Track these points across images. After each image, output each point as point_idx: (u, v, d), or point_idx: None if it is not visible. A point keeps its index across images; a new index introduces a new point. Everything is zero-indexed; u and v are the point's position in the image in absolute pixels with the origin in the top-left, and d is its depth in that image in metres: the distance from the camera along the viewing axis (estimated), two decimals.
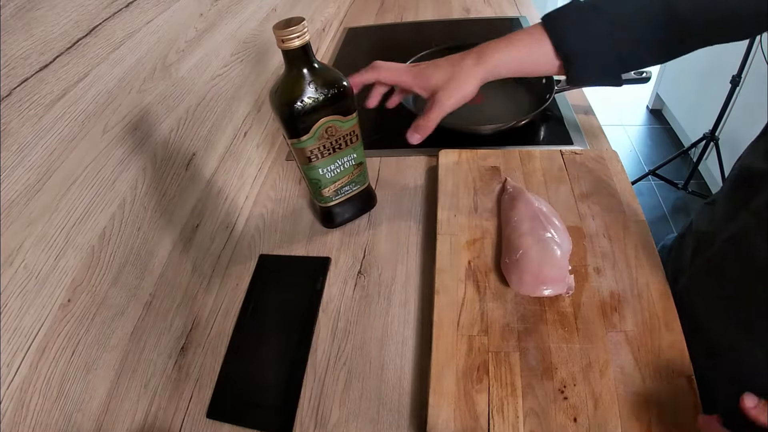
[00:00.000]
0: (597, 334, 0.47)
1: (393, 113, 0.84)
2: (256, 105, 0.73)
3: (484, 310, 0.50)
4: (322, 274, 0.58)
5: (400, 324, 0.53)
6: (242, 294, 0.58)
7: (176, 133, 0.52)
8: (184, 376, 0.51)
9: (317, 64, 0.48)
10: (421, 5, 1.30)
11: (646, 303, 0.48)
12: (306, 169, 0.55)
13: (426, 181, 0.70)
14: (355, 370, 0.49)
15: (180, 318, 0.52)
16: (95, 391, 0.40)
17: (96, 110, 0.40)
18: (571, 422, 0.41)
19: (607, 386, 0.43)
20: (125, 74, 0.43)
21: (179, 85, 0.52)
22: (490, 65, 0.52)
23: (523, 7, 1.22)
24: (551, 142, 0.75)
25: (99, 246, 0.40)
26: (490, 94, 0.85)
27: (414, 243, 0.61)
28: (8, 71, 0.31)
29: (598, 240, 0.55)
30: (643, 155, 2.17)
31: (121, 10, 0.43)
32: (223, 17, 0.62)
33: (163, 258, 0.49)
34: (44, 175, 0.35)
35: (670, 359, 0.44)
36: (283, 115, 0.49)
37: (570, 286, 0.50)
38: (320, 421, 0.46)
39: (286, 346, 0.52)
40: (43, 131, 0.34)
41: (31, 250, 0.34)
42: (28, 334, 0.34)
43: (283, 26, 0.44)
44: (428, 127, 0.53)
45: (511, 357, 0.46)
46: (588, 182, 0.62)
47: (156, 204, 0.48)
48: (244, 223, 0.67)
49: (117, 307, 0.43)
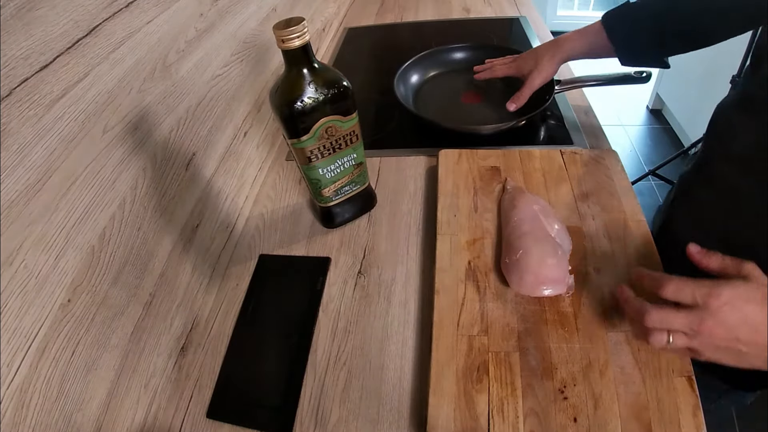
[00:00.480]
0: (597, 334, 0.47)
1: (393, 113, 0.85)
2: (256, 105, 0.73)
3: (484, 310, 0.50)
4: (322, 274, 0.58)
5: (400, 324, 0.53)
6: (242, 294, 0.58)
7: (176, 133, 0.52)
8: (184, 376, 0.51)
9: (317, 64, 0.48)
10: (421, 5, 1.30)
11: None
12: (306, 169, 0.55)
13: (426, 181, 0.70)
14: (355, 370, 0.49)
15: (180, 318, 0.52)
16: (95, 391, 0.40)
17: (96, 110, 0.40)
18: (571, 422, 0.41)
19: (607, 386, 0.43)
20: (125, 74, 0.43)
21: (179, 85, 0.52)
22: (565, 53, 0.70)
23: (523, 7, 1.22)
24: (551, 142, 0.75)
25: (99, 246, 0.40)
26: (490, 94, 0.85)
27: (414, 243, 0.61)
28: (8, 71, 0.31)
29: (598, 240, 0.55)
30: (643, 155, 2.17)
31: (121, 10, 0.43)
32: (223, 17, 0.62)
33: (163, 258, 0.49)
34: (44, 175, 0.35)
35: (670, 359, 0.44)
36: (283, 115, 0.49)
37: (570, 286, 0.50)
38: (320, 421, 0.46)
39: (286, 346, 0.52)
40: (43, 131, 0.34)
41: (31, 250, 0.34)
42: (28, 334, 0.34)
43: (283, 26, 0.44)
44: (522, 99, 0.74)
45: (511, 357, 0.46)
46: (588, 182, 0.62)
47: (156, 204, 0.48)
48: (244, 223, 0.67)
49: (117, 307, 0.43)
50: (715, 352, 0.36)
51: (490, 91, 0.86)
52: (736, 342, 0.35)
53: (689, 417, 0.40)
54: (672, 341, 0.36)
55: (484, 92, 0.86)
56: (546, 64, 0.71)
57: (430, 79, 0.91)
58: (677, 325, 0.36)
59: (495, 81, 0.84)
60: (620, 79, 0.76)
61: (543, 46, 0.73)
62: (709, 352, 0.36)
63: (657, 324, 0.36)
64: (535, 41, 1.03)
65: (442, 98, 0.86)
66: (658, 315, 0.36)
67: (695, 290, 0.35)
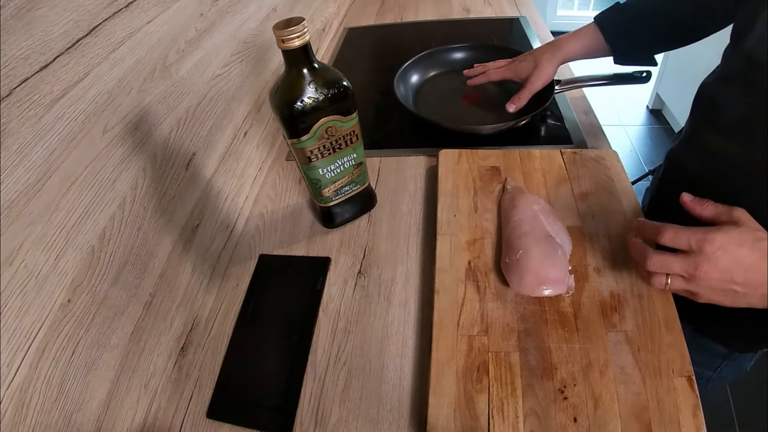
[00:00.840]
0: (597, 334, 0.47)
1: (393, 113, 0.85)
2: (256, 105, 0.73)
3: (484, 310, 0.50)
4: (322, 274, 0.58)
5: (400, 324, 0.53)
6: (242, 294, 0.58)
7: (176, 133, 0.52)
8: (184, 376, 0.51)
9: (317, 64, 0.48)
10: (421, 5, 1.30)
11: (646, 303, 0.48)
12: (306, 169, 0.55)
13: (426, 181, 0.70)
14: (355, 370, 0.49)
15: (180, 318, 0.52)
16: (95, 391, 0.40)
17: (96, 110, 0.40)
18: (571, 422, 0.41)
19: (607, 386, 0.43)
20: (125, 74, 0.43)
21: (179, 85, 0.52)
22: (563, 54, 0.71)
23: (523, 7, 1.22)
24: (551, 142, 0.75)
25: (99, 246, 0.40)
26: (490, 94, 0.85)
27: (414, 243, 0.61)
28: (8, 71, 0.31)
29: (598, 240, 0.55)
30: (643, 155, 2.17)
31: (121, 10, 0.43)
32: (223, 17, 0.62)
33: (163, 258, 0.49)
34: (44, 175, 0.35)
35: (670, 359, 0.44)
36: (283, 115, 0.49)
37: (570, 286, 0.50)
38: (320, 421, 0.46)
39: (286, 346, 0.52)
40: (43, 131, 0.34)
41: (31, 250, 0.34)
42: (28, 334, 0.34)
43: (283, 26, 0.44)
44: (522, 101, 0.74)
45: (511, 357, 0.46)
46: (588, 182, 0.62)
47: (156, 204, 0.48)
48: (244, 223, 0.67)
49: (117, 307, 0.43)
50: (712, 293, 0.40)
51: (489, 91, 0.86)
52: (731, 283, 0.38)
53: (689, 417, 0.40)
54: (670, 284, 0.41)
55: (484, 92, 0.86)
56: (545, 66, 0.71)
57: (430, 79, 0.91)
58: (675, 269, 0.40)
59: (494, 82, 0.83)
60: (620, 79, 0.76)
61: (540, 49, 0.74)
62: (707, 294, 0.40)
63: (657, 268, 0.41)
64: (535, 41, 1.03)
65: (442, 98, 0.86)
66: (657, 259, 0.40)
67: (691, 237, 0.39)
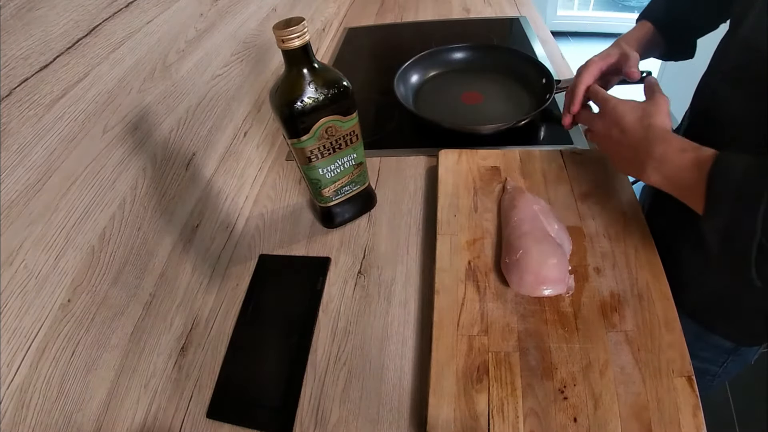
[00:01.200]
0: (597, 334, 0.47)
1: (393, 113, 0.85)
2: (256, 105, 0.73)
3: (484, 310, 0.50)
4: (322, 274, 0.58)
5: (400, 324, 0.53)
6: (242, 294, 0.58)
7: (176, 133, 0.52)
8: (184, 376, 0.51)
9: (317, 64, 0.48)
10: (421, 5, 1.30)
11: (646, 303, 0.48)
12: (306, 169, 0.55)
13: (426, 181, 0.70)
14: (355, 370, 0.49)
15: (180, 318, 0.52)
16: (95, 391, 0.40)
17: (96, 110, 0.40)
18: (571, 422, 0.41)
19: (607, 386, 0.43)
20: (125, 74, 0.43)
21: (179, 85, 0.52)
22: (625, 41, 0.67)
23: (523, 7, 1.22)
24: (551, 142, 0.75)
25: (99, 246, 0.40)
26: (490, 94, 0.85)
27: (414, 243, 0.61)
28: (8, 71, 0.31)
29: (598, 240, 0.55)
30: None
31: (121, 10, 0.43)
32: (223, 17, 0.62)
33: (163, 258, 0.49)
34: (44, 175, 0.35)
35: (670, 359, 0.44)
36: (283, 115, 0.49)
37: (570, 286, 0.50)
38: (320, 421, 0.46)
39: (286, 346, 0.52)
40: (43, 131, 0.34)
41: (31, 250, 0.34)
42: (28, 334, 0.34)
43: (283, 26, 0.44)
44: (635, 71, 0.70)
45: (511, 357, 0.46)
46: (588, 182, 0.62)
47: (156, 204, 0.48)
48: (244, 223, 0.67)
49: (117, 307, 0.43)
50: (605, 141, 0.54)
51: (490, 91, 0.86)
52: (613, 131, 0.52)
53: (689, 417, 0.40)
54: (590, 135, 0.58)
55: (484, 92, 0.86)
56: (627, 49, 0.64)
57: (430, 79, 0.91)
58: (592, 123, 0.57)
59: (494, 82, 0.83)
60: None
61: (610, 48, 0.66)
62: (602, 142, 0.55)
63: (583, 121, 0.61)
64: (535, 41, 1.03)
65: (442, 98, 0.86)
66: (584, 115, 0.61)
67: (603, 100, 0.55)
